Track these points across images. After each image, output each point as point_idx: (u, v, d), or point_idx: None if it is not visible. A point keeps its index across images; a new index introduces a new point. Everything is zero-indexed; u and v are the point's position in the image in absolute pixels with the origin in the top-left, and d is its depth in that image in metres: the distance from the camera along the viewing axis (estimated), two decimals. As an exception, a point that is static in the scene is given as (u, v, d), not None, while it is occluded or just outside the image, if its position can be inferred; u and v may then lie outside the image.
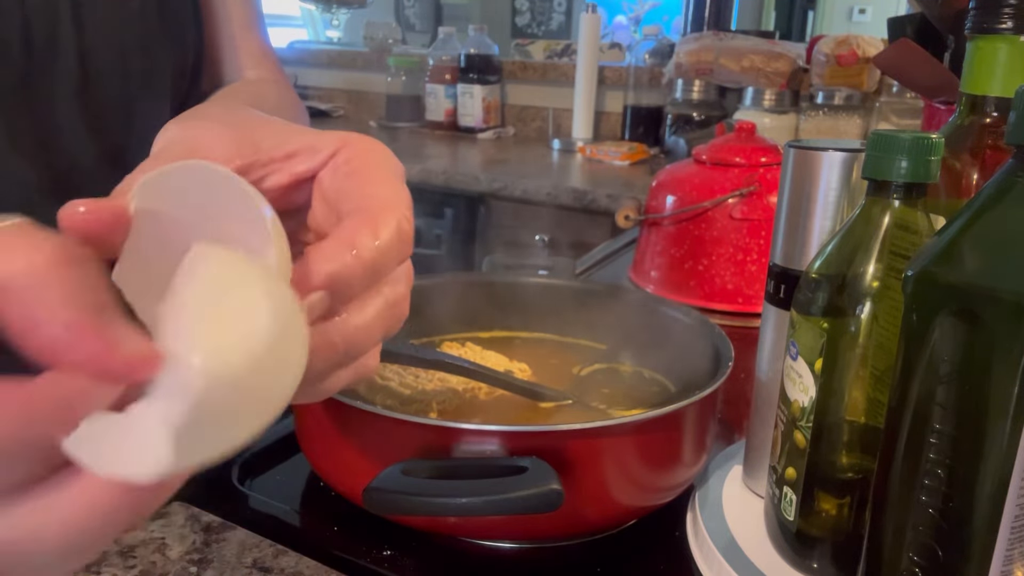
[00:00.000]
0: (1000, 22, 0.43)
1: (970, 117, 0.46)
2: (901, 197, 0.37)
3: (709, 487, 0.50)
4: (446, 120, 2.20)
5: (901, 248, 0.37)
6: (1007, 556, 0.31)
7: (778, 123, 1.66)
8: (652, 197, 0.95)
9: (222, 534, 0.47)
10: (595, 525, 0.47)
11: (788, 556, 0.42)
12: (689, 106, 1.80)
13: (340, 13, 2.91)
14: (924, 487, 0.32)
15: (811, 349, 0.39)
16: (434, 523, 0.45)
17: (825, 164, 0.44)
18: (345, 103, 2.50)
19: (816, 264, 0.40)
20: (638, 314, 0.62)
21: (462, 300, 0.65)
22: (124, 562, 0.44)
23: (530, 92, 2.20)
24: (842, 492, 0.40)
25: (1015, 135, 0.31)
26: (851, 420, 0.40)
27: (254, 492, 0.52)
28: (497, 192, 1.60)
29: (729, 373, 0.49)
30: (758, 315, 0.52)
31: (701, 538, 0.46)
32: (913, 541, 0.33)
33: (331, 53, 2.56)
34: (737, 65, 1.70)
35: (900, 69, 0.89)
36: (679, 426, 0.47)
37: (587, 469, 0.43)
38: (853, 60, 1.58)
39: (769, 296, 0.47)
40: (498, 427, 0.42)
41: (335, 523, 0.48)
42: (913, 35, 0.86)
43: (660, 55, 1.92)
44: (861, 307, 0.37)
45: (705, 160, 0.91)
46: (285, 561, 0.45)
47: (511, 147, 2.02)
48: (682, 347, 0.57)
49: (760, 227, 0.86)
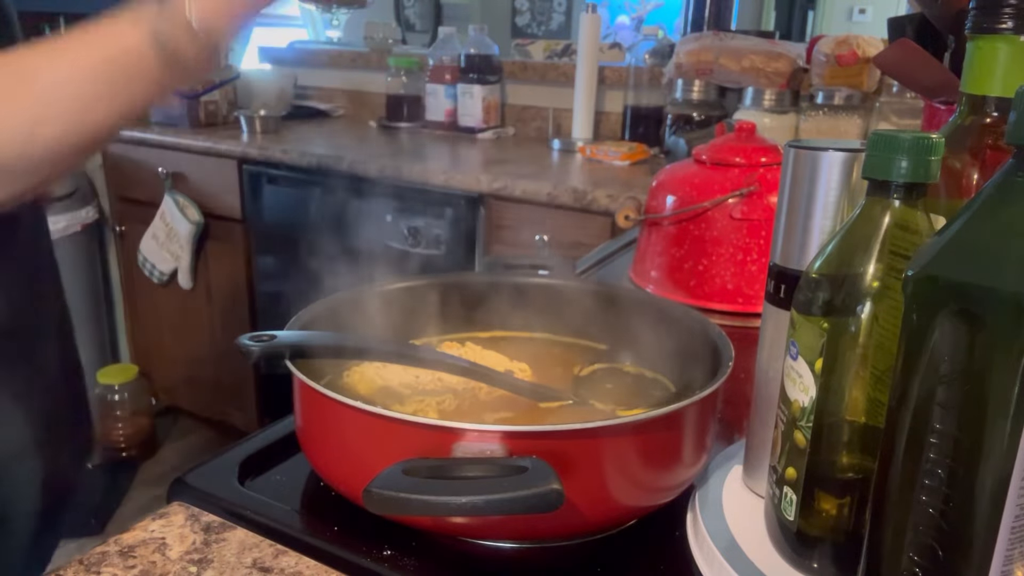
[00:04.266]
0: (1000, 22, 0.43)
1: (970, 117, 0.46)
2: (901, 197, 0.37)
3: (709, 487, 0.50)
4: (446, 120, 2.20)
5: (901, 248, 0.37)
6: (1007, 556, 0.31)
7: (778, 123, 1.66)
8: (652, 197, 0.95)
9: (222, 534, 0.47)
10: (595, 525, 0.47)
11: (788, 556, 0.42)
12: (689, 106, 1.80)
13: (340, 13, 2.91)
14: (924, 487, 0.32)
15: (811, 349, 0.39)
16: (434, 523, 0.45)
17: (825, 164, 0.44)
18: (345, 103, 2.50)
19: (816, 264, 0.40)
20: (638, 314, 0.62)
21: (462, 300, 0.65)
22: (124, 562, 0.44)
23: (530, 92, 2.20)
24: (842, 492, 0.40)
25: (1015, 135, 0.31)
26: (851, 420, 0.40)
27: (254, 492, 0.52)
28: (497, 192, 1.60)
29: (729, 373, 0.49)
30: (758, 315, 0.52)
31: (701, 538, 0.46)
32: (913, 541, 0.33)
33: (331, 53, 2.56)
34: (737, 65, 1.70)
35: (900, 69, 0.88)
36: (679, 426, 0.47)
37: (587, 469, 0.43)
38: (853, 60, 1.58)
39: (769, 296, 0.47)
40: (498, 427, 0.42)
41: (335, 523, 0.48)
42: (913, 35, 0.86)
43: (660, 55, 1.92)
44: (861, 307, 0.37)
45: (705, 160, 0.91)
46: (285, 561, 0.45)
47: (511, 147, 2.02)
48: (682, 347, 0.57)
49: (760, 227, 0.86)
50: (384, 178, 1.73)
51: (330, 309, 0.58)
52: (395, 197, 1.73)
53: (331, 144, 1.96)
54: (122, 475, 2.16)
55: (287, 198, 1.93)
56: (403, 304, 0.62)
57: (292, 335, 0.52)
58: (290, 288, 1.94)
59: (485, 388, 0.56)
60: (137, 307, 2.33)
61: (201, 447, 2.31)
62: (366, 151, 1.88)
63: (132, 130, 2.11)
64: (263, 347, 0.49)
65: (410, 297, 0.63)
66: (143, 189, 2.16)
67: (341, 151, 1.85)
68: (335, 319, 0.58)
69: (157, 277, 2.17)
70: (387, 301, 0.62)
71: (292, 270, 1.94)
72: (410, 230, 1.71)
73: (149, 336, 2.34)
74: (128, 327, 2.39)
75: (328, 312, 0.58)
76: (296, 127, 2.21)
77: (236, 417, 2.26)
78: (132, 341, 2.40)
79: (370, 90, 2.43)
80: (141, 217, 2.15)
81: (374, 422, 0.44)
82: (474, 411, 0.55)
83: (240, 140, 1.99)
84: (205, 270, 2.14)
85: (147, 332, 2.34)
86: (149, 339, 2.34)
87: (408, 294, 0.63)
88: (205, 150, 2.01)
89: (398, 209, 1.73)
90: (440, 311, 0.64)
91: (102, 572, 0.43)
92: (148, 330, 2.34)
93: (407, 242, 1.72)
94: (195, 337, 2.25)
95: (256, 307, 2.12)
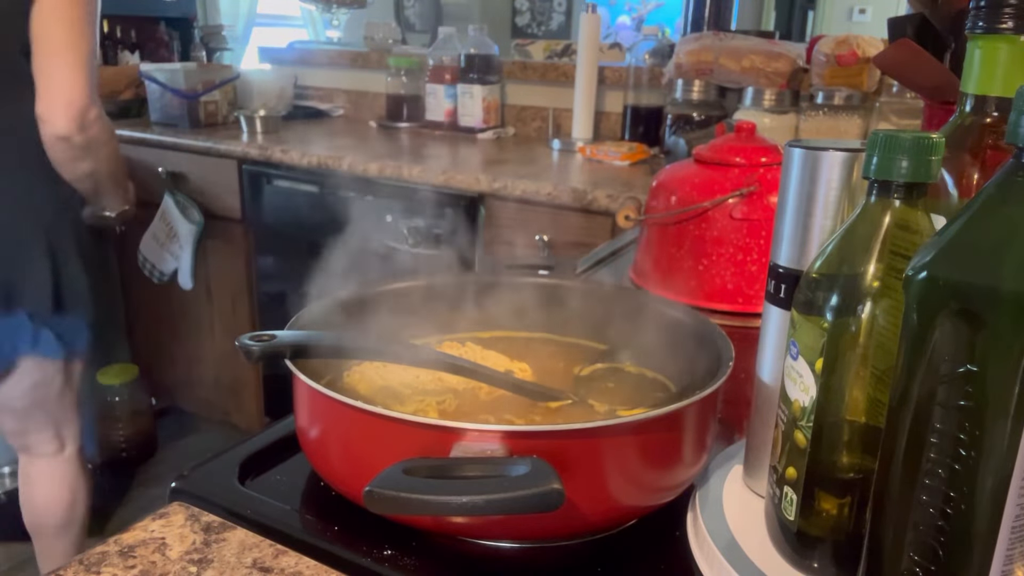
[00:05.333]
0: (1000, 22, 0.43)
1: (970, 117, 0.46)
2: (902, 197, 0.37)
3: (709, 487, 0.50)
4: (446, 120, 2.20)
5: (901, 248, 0.37)
6: (1008, 556, 0.31)
7: (778, 123, 1.66)
8: (652, 197, 0.95)
9: (222, 534, 0.47)
10: (595, 525, 0.47)
11: (788, 556, 0.42)
12: (689, 106, 1.80)
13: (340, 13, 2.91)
14: (925, 487, 0.32)
15: (812, 349, 0.39)
16: (434, 523, 0.45)
17: (825, 164, 0.44)
18: (345, 103, 2.50)
19: (817, 264, 0.40)
20: (638, 314, 0.62)
21: (462, 300, 0.65)
22: (124, 562, 0.44)
23: (530, 92, 2.20)
24: (843, 492, 0.40)
25: (1015, 135, 0.31)
26: (852, 420, 0.40)
27: (254, 492, 0.52)
28: (497, 192, 1.60)
29: (729, 373, 0.49)
30: (758, 315, 0.52)
31: (701, 538, 0.46)
32: (914, 541, 0.33)
33: (331, 53, 2.56)
34: (737, 65, 1.70)
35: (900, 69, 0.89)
36: (679, 426, 0.47)
37: (587, 469, 0.43)
38: (853, 60, 1.58)
39: (769, 296, 0.47)
40: (498, 427, 0.42)
41: (335, 523, 0.48)
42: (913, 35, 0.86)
43: (660, 55, 1.92)
44: (861, 307, 0.37)
45: (705, 160, 0.91)
46: (285, 561, 0.45)
47: (511, 147, 2.02)
48: (682, 347, 0.57)
49: (760, 227, 0.86)
50: (384, 178, 1.73)
51: (330, 309, 0.58)
52: (395, 197, 1.73)
53: (331, 144, 1.96)
54: (122, 475, 2.16)
55: (287, 198, 1.93)
56: (403, 304, 0.62)
57: (292, 335, 0.52)
58: (290, 288, 1.94)
59: (485, 388, 0.56)
60: (137, 307, 2.33)
61: (201, 447, 2.30)
62: (366, 151, 1.88)
63: (132, 130, 2.12)
64: (263, 347, 0.49)
65: (410, 297, 0.63)
66: (143, 189, 2.15)
67: (341, 151, 1.85)
68: (335, 319, 0.58)
69: (157, 277, 2.16)
70: (387, 301, 0.62)
71: (292, 270, 1.94)
72: (410, 230, 1.71)
73: (149, 336, 2.34)
74: (128, 327, 2.39)
75: (328, 312, 0.58)
76: (296, 127, 2.21)
77: (236, 417, 2.26)
78: (132, 341, 2.40)
79: (370, 90, 2.43)
80: (141, 217, 2.15)
81: (374, 422, 0.44)
82: (474, 411, 0.55)
83: (240, 140, 1.99)
84: (205, 270, 2.14)
85: (147, 332, 2.34)
86: (149, 339, 2.34)
87: (408, 294, 0.63)
88: (205, 150, 2.01)
89: (398, 209, 1.73)
90: (440, 311, 0.64)
91: (102, 572, 0.43)
92: (148, 330, 2.34)
93: (407, 242, 1.72)
94: (195, 337, 2.25)
95: (256, 307, 2.12)
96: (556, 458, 0.40)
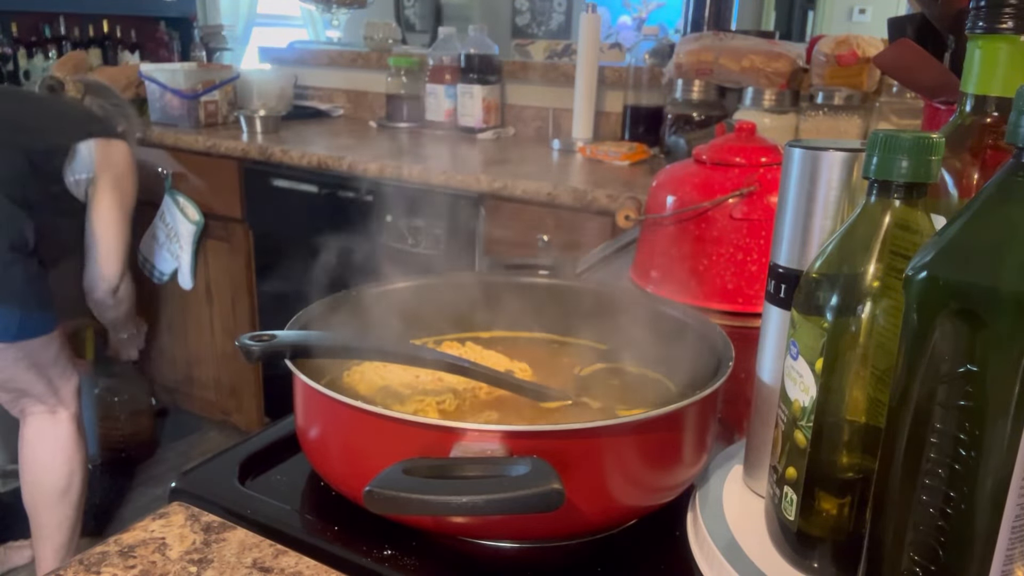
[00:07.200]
0: (1000, 22, 0.43)
1: (970, 117, 0.46)
2: (902, 197, 0.37)
3: (709, 487, 0.50)
4: (446, 120, 2.20)
5: (902, 248, 0.37)
6: (1008, 555, 0.31)
7: (778, 123, 1.66)
8: (652, 197, 0.95)
9: (222, 534, 0.47)
10: (595, 525, 0.47)
11: (789, 556, 0.42)
12: (689, 106, 1.80)
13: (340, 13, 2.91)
14: (925, 487, 0.32)
15: (812, 349, 0.39)
16: (434, 523, 0.45)
17: (825, 164, 0.44)
18: (345, 103, 2.50)
19: (817, 264, 0.40)
20: (638, 314, 0.62)
21: (462, 300, 0.65)
22: (124, 562, 0.44)
23: (530, 92, 2.20)
24: (843, 492, 0.40)
25: (1015, 135, 0.31)
26: (852, 420, 0.40)
27: (254, 492, 0.52)
28: (497, 192, 1.60)
29: (729, 373, 0.49)
30: (758, 315, 0.52)
31: (701, 538, 0.46)
32: (914, 541, 0.33)
33: (331, 53, 2.56)
34: (737, 65, 1.70)
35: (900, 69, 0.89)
36: (679, 426, 0.47)
37: (587, 469, 0.43)
38: (853, 60, 1.58)
39: (769, 296, 0.47)
40: (498, 427, 0.42)
41: (335, 523, 0.48)
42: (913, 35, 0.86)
43: (660, 55, 1.92)
44: (861, 307, 0.37)
45: (705, 160, 0.91)
46: (285, 561, 0.45)
47: (511, 147, 2.02)
48: (682, 347, 0.57)
49: (760, 227, 0.86)
50: (384, 178, 1.73)
51: (330, 309, 0.58)
52: (395, 197, 1.73)
53: (331, 144, 1.96)
54: (122, 475, 2.16)
55: (287, 198, 1.93)
56: (403, 304, 0.62)
57: (292, 335, 0.52)
58: (290, 288, 1.94)
59: (485, 388, 0.56)
60: (137, 307, 2.33)
61: (201, 447, 2.30)
62: (366, 151, 1.88)
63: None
64: (263, 347, 0.49)
65: (410, 297, 0.63)
66: (143, 189, 2.15)
67: (341, 151, 1.85)
68: (335, 319, 0.58)
69: (157, 277, 2.17)
70: (387, 301, 0.62)
71: (292, 270, 1.94)
72: (410, 230, 1.71)
73: (149, 336, 2.34)
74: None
75: (328, 312, 0.58)
76: (296, 127, 2.21)
77: (236, 417, 2.26)
78: (132, 341, 2.40)
79: (370, 90, 2.43)
80: (141, 217, 2.15)
81: (374, 422, 0.44)
82: (474, 411, 0.55)
83: (240, 140, 1.99)
84: (205, 270, 2.14)
85: (147, 332, 2.34)
86: (149, 339, 2.34)
87: (408, 294, 0.63)
88: (205, 150, 2.01)
89: (398, 209, 1.73)
90: (440, 311, 0.64)
91: (102, 572, 0.43)
92: (148, 330, 2.34)
93: (407, 242, 1.72)
94: (195, 337, 2.25)
95: (256, 307, 2.12)
96: (556, 458, 0.40)
